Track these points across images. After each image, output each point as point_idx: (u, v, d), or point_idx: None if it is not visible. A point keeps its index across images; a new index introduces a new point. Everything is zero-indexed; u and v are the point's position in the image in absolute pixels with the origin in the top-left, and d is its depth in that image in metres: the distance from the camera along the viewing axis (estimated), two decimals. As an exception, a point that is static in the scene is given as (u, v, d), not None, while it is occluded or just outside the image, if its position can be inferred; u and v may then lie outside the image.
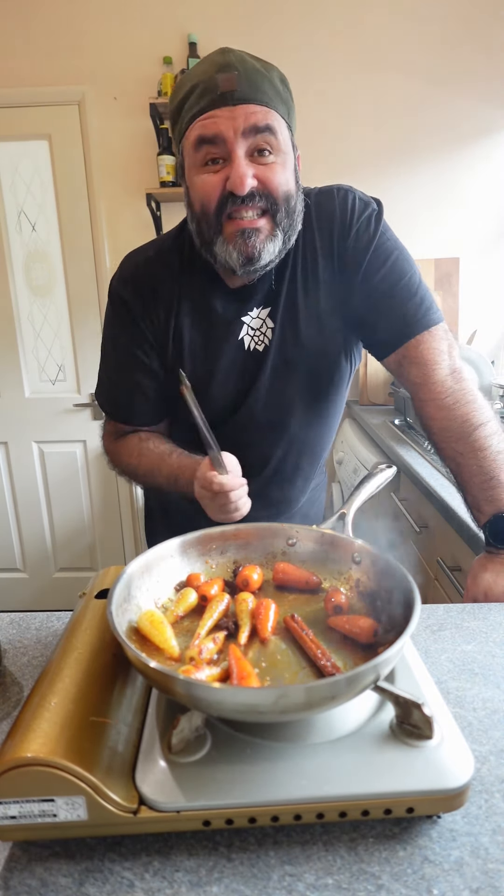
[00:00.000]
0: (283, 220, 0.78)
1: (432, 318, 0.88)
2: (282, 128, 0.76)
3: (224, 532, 0.67)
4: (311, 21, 2.13)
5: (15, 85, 2.20)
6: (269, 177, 0.76)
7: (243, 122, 0.72)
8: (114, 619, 0.47)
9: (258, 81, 0.73)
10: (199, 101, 0.73)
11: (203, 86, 0.73)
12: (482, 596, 0.80)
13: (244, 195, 0.74)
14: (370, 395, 2.35)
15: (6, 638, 0.70)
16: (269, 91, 0.74)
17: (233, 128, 0.72)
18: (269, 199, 0.77)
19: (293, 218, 0.81)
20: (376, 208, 0.89)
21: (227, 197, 0.75)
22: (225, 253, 0.79)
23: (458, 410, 0.84)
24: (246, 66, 0.73)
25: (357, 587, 0.60)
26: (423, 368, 0.87)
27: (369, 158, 2.25)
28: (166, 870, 0.40)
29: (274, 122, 0.74)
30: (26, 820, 0.40)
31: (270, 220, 0.78)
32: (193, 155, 0.76)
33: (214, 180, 0.75)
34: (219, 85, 0.72)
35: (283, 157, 0.77)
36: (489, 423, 0.83)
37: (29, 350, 2.48)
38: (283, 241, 0.80)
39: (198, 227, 0.81)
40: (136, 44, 2.17)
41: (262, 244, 0.78)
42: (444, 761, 0.42)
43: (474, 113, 2.20)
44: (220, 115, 0.72)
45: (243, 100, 0.72)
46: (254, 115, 0.73)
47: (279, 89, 0.76)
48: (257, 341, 0.90)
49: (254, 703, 0.40)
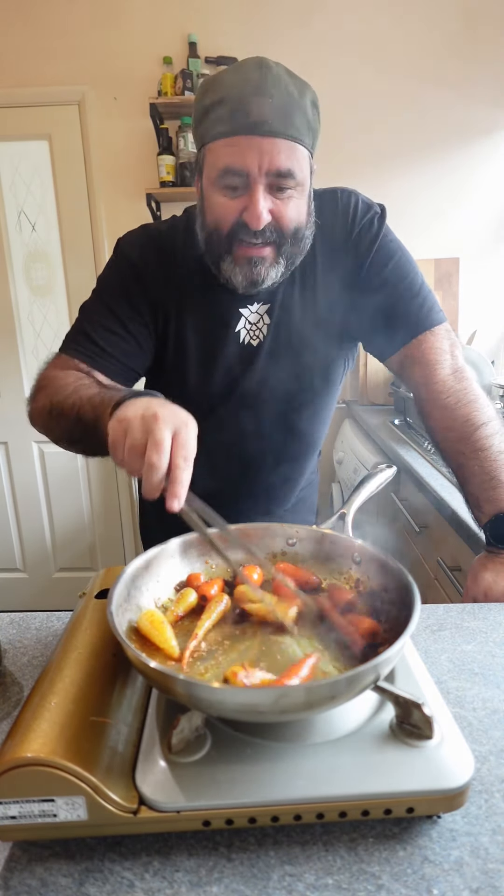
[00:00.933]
0: (287, 251, 0.80)
1: (435, 318, 0.88)
2: (304, 163, 0.76)
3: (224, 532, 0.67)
4: (311, 21, 2.13)
5: (15, 85, 2.20)
6: (282, 213, 0.77)
7: (268, 163, 0.72)
8: (114, 619, 0.47)
9: (290, 113, 0.72)
10: (228, 120, 0.72)
11: (234, 105, 0.71)
12: (482, 596, 0.80)
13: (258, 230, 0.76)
14: (370, 395, 2.35)
15: (6, 638, 0.70)
16: (299, 123, 0.73)
17: (258, 163, 0.72)
18: (279, 234, 0.78)
19: (299, 247, 0.82)
20: (379, 211, 0.90)
21: (240, 226, 0.76)
22: (231, 273, 0.81)
23: (459, 410, 0.84)
24: (280, 91, 0.71)
25: (357, 587, 0.60)
26: (425, 368, 0.87)
27: (369, 158, 2.25)
28: (166, 870, 0.40)
29: (298, 161, 0.74)
30: (26, 820, 0.40)
31: (275, 250, 0.79)
32: (214, 174, 0.76)
33: (231, 206, 0.76)
34: (251, 112, 0.70)
35: (301, 189, 0.78)
36: (491, 422, 0.84)
37: (29, 350, 2.48)
38: (285, 267, 0.82)
39: (207, 239, 0.82)
40: (136, 44, 2.17)
41: (266, 271, 0.80)
42: (444, 761, 0.42)
43: (474, 113, 2.20)
44: (246, 144, 0.72)
45: (272, 133, 0.71)
46: (279, 154, 0.72)
47: (309, 118, 0.75)
48: (252, 336, 0.91)
49: (254, 703, 0.40)
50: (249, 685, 0.44)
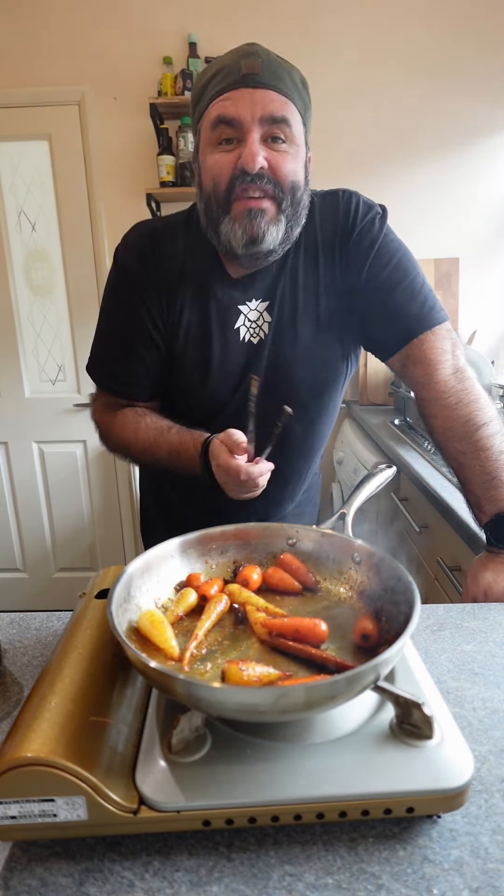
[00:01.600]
0: (287, 207, 0.80)
1: (436, 318, 0.88)
2: (297, 121, 0.79)
3: (224, 532, 0.67)
4: (311, 21, 2.13)
5: (15, 85, 2.20)
6: (279, 162, 0.78)
7: (261, 109, 0.75)
8: (114, 619, 0.47)
9: (280, 72, 0.76)
10: (221, 81, 0.76)
11: (227, 69, 0.76)
12: (482, 595, 0.80)
13: (254, 173, 0.76)
14: (370, 395, 2.35)
15: (6, 638, 0.70)
16: (289, 83, 0.77)
17: (251, 112, 0.75)
18: (276, 186, 0.78)
19: (297, 210, 0.82)
20: (380, 211, 0.90)
21: (237, 176, 0.77)
22: (230, 232, 0.80)
23: (460, 410, 0.84)
24: (270, 57, 0.77)
25: (357, 587, 0.60)
26: (426, 368, 0.87)
27: (369, 158, 2.25)
28: (166, 870, 0.40)
29: (290, 113, 0.77)
30: (26, 820, 0.40)
31: (275, 204, 0.79)
32: (210, 134, 0.78)
33: (227, 159, 0.77)
34: (242, 68, 0.75)
35: (296, 149, 0.79)
36: (492, 422, 0.84)
37: (29, 350, 2.48)
38: (285, 230, 0.81)
39: (206, 206, 0.82)
40: (136, 44, 2.17)
41: (267, 225, 0.79)
42: (444, 761, 0.42)
43: (474, 113, 2.20)
44: (239, 96, 0.75)
45: (264, 84, 0.75)
46: (272, 104, 0.75)
47: (299, 87, 0.79)
48: (252, 333, 0.90)
49: (254, 703, 0.40)
50: (247, 677, 0.45)
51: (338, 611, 0.58)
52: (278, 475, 1.01)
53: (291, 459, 1.01)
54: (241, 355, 0.91)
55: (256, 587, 0.62)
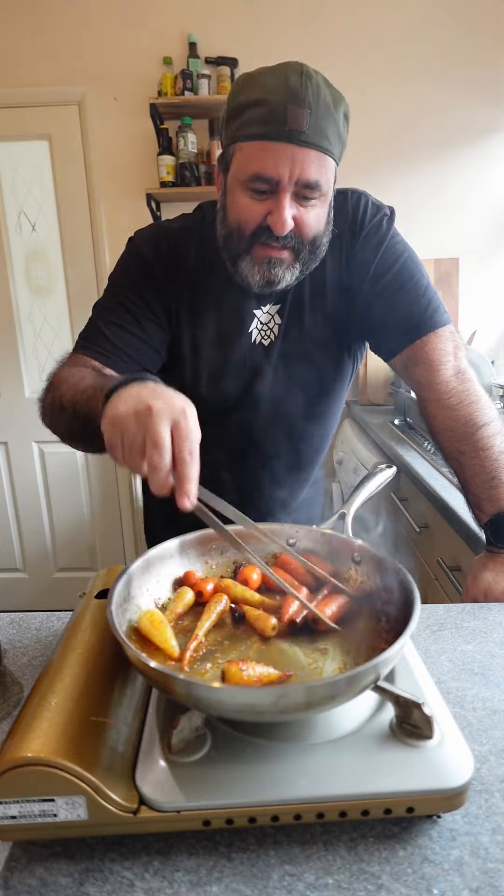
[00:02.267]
0: (305, 257, 0.81)
1: (439, 320, 0.88)
2: (331, 173, 0.77)
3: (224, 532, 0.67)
4: (312, 21, 2.13)
5: (15, 85, 2.20)
6: (304, 221, 0.77)
7: (299, 171, 0.73)
8: (114, 619, 0.47)
9: (326, 127, 0.73)
10: (263, 122, 0.72)
11: (271, 108, 0.71)
12: (482, 595, 0.80)
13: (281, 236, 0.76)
14: (370, 395, 2.35)
15: (6, 638, 0.70)
16: (331, 135, 0.74)
17: (289, 171, 0.73)
18: (298, 241, 0.79)
19: (316, 254, 0.82)
20: (388, 213, 0.91)
21: (263, 229, 0.77)
22: (248, 273, 0.81)
23: (461, 411, 0.85)
24: (319, 102, 0.72)
25: (357, 587, 0.60)
26: (428, 369, 0.87)
27: (369, 158, 2.25)
28: (166, 870, 0.40)
29: (326, 174, 0.75)
30: (26, 820, 0.40)
31: (293, 255, 0.80)
32: (244, 176, 0.76)
33: (257, 209, 0.77)
34: (288, 119, 0.70)
35: (324, 199, 0.79)
36: (492, 423, 0.84)
37: (29, 350, 2.48)
38: (301, 271, 0.83)
39: (227, 240, 0.82)
40: (136, 44, 2.17)
41: (283, 273, 0.81)
42: (443, 761, 0.42)
43: (474, 113, 2.20)
44: (280, 151, 0.72)
45: (307, 143, 0.72)
46: (310, 167, 0.73)
47: (341, 131, 0.76)
48: (264, 336, 0.91)
49: (254, 703, 0.40)
50: (247, 677, 0.45)
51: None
52: (288, 473, 1.02)
53: (300, 453, 1.01)
54: (253, 357, 0.92)
55: (256, 587, 0.62)
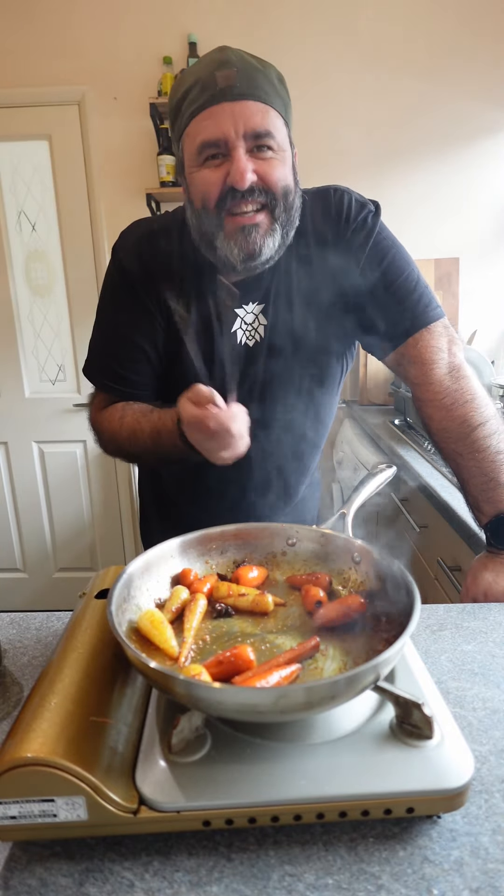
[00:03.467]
0: (281, 214, 0.79)
1: (431, 315, 0.87)
2: (279, 126, 0.77)
3: (224, 532, 0.67)
4: (311, 21, 2.13)
5: (15, 85, 2.20)
6: (268, 171, 0.76)
7: (244, 124, 0.73)
8: (114, 619, 0.47)
9: (256, 78, 0.74)
10: (198, 97, 0.74)
11: (202, 83, 0.73)
12: (482, 595, 0.80)
13: (245, 189, 0.75)
14: (370, 395, 2.35)
15: (6, 638, 0.70)
16: (267, 88, 0.75)
17: (233, 128, 0.73)
18: (269, 195, 0.77)
19: (291, 213, 0.81)
20: (373, 209, 0.89)
21: (227, 192, 0.76)
22: (226, 249, 0.79)
23: (456, 411, 0.84)
24: (244, 63, 0.74)
25: (357, 587, 0.60)
26: (421, 368, 0.86)
27: (369, 158, 2.25)
28: (166, 870, 0.40)
29: (272, 123, 0.75)
30: (26, 820, 0.40)
31: (269, 214, 0.79)
32: (194, 153, 0.77)
33: (215, 176, 0.76)
34: (217, 81, 0.72)
35: (282, 154, 0.78)
36: (488, 422, 0.83)
37: (29, 350, 2.48)
38: (281, 236, 0.81)
39: (198, 223, 0.81)
40: (136, 44, 2.17)
41: (262, 239, 0.79)
42: (444, 761, 0.42)
43: (474, 113, 2.20)
44: (219, 112, 0.73)
45: (242, 95, 0.73)
46: (254, 117, 0.73)
47: (277, 87, 0.77)
48: (249, 336, 0.90)
49: (254, 703, 0.40)
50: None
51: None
52: (280, 475, 1.02)
53: (291, 455, 1.01)
54: (239, 358, 0.91)
55: (255, 584, 0.62)
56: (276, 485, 1.03)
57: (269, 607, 0.57)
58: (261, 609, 0.57)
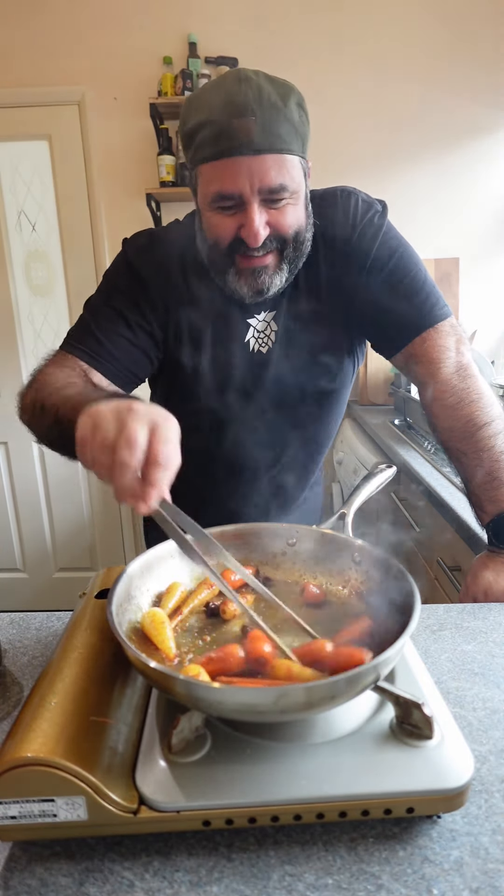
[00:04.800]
0: (290, 255, 0.80)
1: (438, 315, 0.87)
2: (295, 171, 0.76)
3: (224, 532, 0.67)
4: (311, 21, 2.13)
5: (15, 85, 2.21)
6: (280, 221, 0.77)
7: (259, 180, 0.72)
8: (114, 619, 0.47)
9: (276, 126, 0.71)
10: (213, 142, 0.72)
11: (218, 127, 0.71)
12: (482, 595, 0.80)
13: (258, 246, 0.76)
14: (370, 395, 2.35)
15: (6, 638, 0.70)
16: (285, 133, 0.72)
17: (248, 184, 0.72)
18: (280, 241, 0.78)
19: (301, 250, 0.82)
20: (380, 209, 0.89)
21: (239, 241, 0.77)
22: (236, 285, 0.81)
23: (462, 410, 0.84)
24: (262, 105, 0.70)
25: (357, 587, 0.60)
26: (428, 367, 0.87)
27: (369, 159, 2.25)
28: (166, 870, 0.40)
29: (289, 173, 0.74)
30: (26, 820, 0.40)
31: (277, 257, 0.80)
32: (208, 197, 0.76)
33: (228, 224, 0.76)
34: (234, 133, 0.70)
35: (296, 196, 0.78)
36: (494, 422, 0.83)
37: (29, 350, 2.48)
38: (289, 272, 0.82)
39: (209, 256, 0.82)
40: (136, 44, 2.17)
41: (271, 279, 0.80)
42: (444, 761, 0.42)
43: (474, 114, 2.20)
44: (235, 166, 0.72)
45: (259, 151, 0.71)
46: (269, 173, 0.72)
47: (295, 123, 0.74)
48: (261, 343, 0.90)
49: (254, 703, 0.40)
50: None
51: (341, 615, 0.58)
52: (288, 477, 1.02)
53: (302, 456, 1.01)
54: (251, 366, 0.91)
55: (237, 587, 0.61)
56: (285, 488, 1.03)
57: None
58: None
